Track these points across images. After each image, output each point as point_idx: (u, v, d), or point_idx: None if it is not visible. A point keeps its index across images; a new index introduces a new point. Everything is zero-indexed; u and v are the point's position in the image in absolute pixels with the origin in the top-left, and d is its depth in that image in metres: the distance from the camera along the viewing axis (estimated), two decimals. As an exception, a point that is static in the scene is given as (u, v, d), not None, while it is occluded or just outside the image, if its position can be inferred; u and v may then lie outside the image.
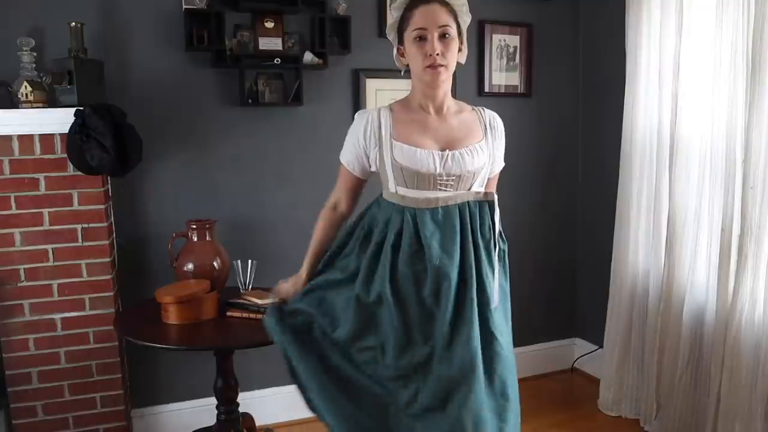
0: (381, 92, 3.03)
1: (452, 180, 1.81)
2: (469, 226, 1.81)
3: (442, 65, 1.76)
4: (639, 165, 2.97)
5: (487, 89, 3.31)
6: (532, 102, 3.44)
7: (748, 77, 2.40)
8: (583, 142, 3.57)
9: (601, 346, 3.30)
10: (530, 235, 3.51)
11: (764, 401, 2.39)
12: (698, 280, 2.73)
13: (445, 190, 1.81)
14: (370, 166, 1.90)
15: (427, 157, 1.79)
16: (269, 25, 2.80)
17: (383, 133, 1.83)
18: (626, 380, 3.09)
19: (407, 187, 1.82)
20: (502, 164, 2.00)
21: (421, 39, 1.76)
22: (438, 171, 1.79)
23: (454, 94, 3.28)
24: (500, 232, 1.90)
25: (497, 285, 1.85)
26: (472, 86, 3.28)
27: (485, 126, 1.90)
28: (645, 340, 2.98)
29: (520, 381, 2.01)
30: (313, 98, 2.96)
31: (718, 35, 2.52)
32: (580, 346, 3.68)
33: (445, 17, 1.77)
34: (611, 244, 3.14)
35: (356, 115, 1.92)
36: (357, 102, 3.03)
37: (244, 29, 2.81)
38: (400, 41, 1.85)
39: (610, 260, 3.15)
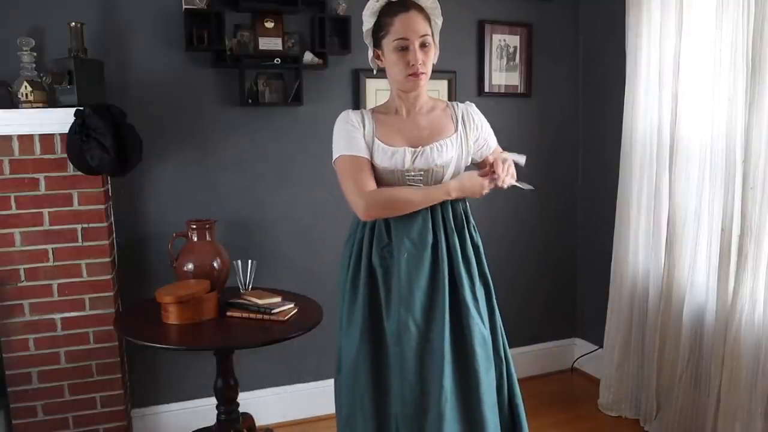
0: (381, 92, 3.02)
1: (420, 175, 1.88)
2: (440, 219, 1.88)
3: (423, 73, 1.86)
4: (639, 165, 2.97)
5: (487, 89, 3.31)
6: (532, 102, 3.44)
7: (748, 77, 2.40)
8: (584, 142, 3.57)
9: (601, 346, 3.30)
10: (530, 235, 3.52)
11: (764, 401, 2.39)
12: (698, 280, 2.73)
13: (415, 186, 1.88)
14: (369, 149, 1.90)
15: (402, 156, 1.86)
16: (269, 25, 2.80)
17: (366, 129, 1.90)
18: (626, 380, 3.08)
19: (380, 184, 1.90)
20: (494, 141, 2.07)
21: (403, 48, 1.83)
22: (407, 166, 1.86)
23: (455, 95, 3.28)
24: (473, 225, 1.96)
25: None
26: (472, 86, 3.28)
27: (457, 120, 1.96)
28: (645, 339, 2.98)
29: (520, 381, 2.01)
30: (313, 98, 2.95)
31: (718, 35, 2.52)
32: (580, 346, 3.68)
33: (423, 26, 1.85)
34: (611, 244, 3.14)
35: (338, 117, 1.96)
36: (357, 102, 3.03)
37: (244, 29, 2.81)
38: (376, 44, 1.91)
39: (610, 260, 3.14)
